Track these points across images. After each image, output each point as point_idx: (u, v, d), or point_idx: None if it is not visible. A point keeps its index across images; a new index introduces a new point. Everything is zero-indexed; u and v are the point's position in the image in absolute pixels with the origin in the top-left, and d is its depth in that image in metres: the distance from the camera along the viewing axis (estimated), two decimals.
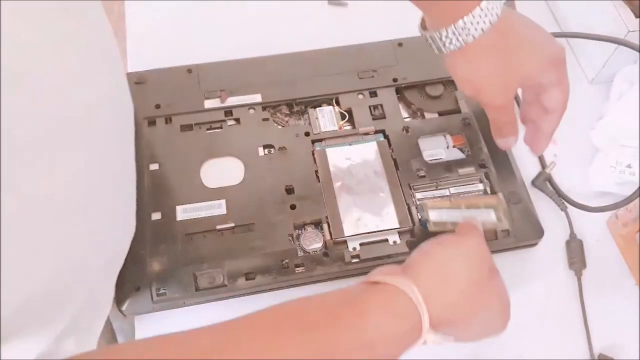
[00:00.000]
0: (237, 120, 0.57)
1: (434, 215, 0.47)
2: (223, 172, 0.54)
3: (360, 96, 0.59)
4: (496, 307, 0.40)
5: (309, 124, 0.57)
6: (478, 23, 0.42)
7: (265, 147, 0.56)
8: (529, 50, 0.45)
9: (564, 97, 0.47)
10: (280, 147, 0.55)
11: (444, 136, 0.57)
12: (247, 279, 0.48)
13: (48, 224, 0.33)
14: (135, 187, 0.49)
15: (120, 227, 0.46)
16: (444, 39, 0.43)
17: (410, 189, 0.53)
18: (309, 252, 0.50)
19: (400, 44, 0.62)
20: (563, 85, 0.46)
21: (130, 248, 0.49)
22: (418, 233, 0.51)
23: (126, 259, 0.48)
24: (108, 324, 0.57)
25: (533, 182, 0.57)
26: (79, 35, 0.35)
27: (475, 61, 0.44)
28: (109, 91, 0.41)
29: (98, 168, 0.38)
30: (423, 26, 0.47)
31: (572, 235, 0.54)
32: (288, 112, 0.58)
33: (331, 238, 0.50)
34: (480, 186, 0.53)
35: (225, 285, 0.48)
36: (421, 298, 0.36)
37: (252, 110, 0.58)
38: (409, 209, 0.52)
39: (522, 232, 0.51)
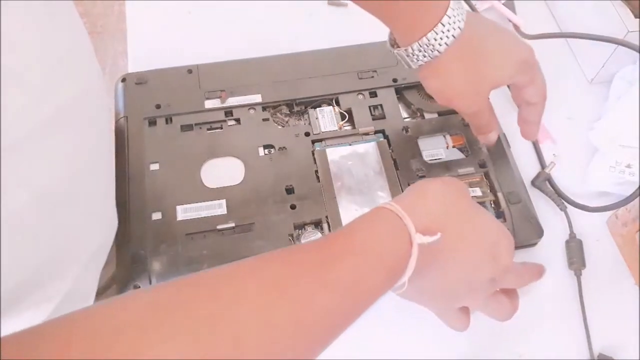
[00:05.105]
0: (238, 120, 0.57)
1: None
2: (223, 172, 0.54)
3: (360, 96, 0.59)
4: (487, 224, 0.40)
5: (309, 124, 0.57)
6: (442, 38, 0.43)
7: (265, 147, 0.56)
8: (496, 57, 0.46)
9: (540, 91, 0.48)
10: (280, 147, 0.55)
11: (444, 136, 0.57)
12: None
13: (29, 217, 0.33)
14: (114, 182, 0.49)
15: (99, 221, 0.46)
16: (411, 55, 0.45)
17: None
18: None
19: None
20: (537, 82, 0.48)
21: (130, 248, 0.49)
22: None
23: (126, 259, 0.48)
24: None
25: (532, 182, 0.57)
26: (58, 34, 0.36)
27: (444, 73, 0.45)
28: (85, 88, 0.41)
29: (75, 162, 0.39)
30: (391, 43, 0.48)
31: (572, 235, 0.54)
32: (288, 112, 0.58)
33: None
34: (478, 191, 0.53)
35: None
36: (401, 208, 0.36)
37: (252, 111, 0.58)
38: None
39: (522, 232, 0.51)
